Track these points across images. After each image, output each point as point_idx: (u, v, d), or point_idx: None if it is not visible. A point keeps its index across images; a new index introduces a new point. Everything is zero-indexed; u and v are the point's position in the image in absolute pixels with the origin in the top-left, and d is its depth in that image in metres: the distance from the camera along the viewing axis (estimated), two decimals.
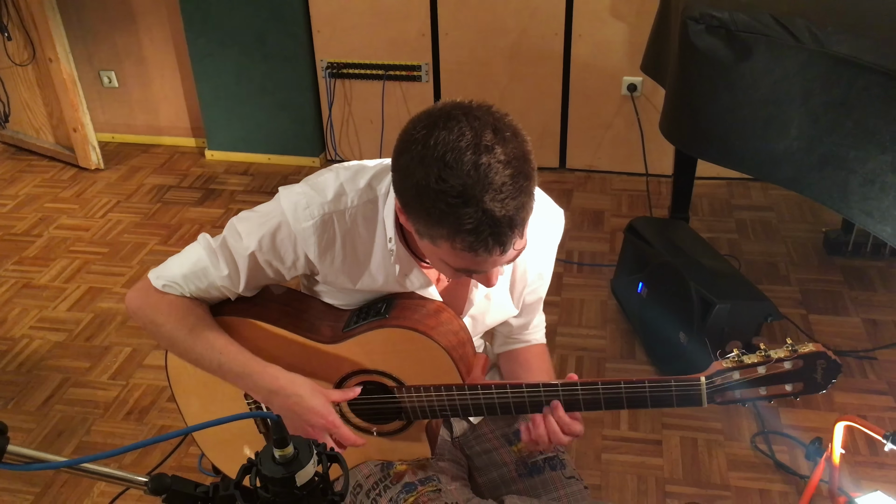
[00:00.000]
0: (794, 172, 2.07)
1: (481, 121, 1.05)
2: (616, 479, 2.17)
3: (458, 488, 1.34)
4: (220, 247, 1.29)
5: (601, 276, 2.97)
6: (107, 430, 2.37)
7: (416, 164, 1.04)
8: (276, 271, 1.30)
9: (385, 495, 1.34)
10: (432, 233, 1.09)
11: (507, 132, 1.06)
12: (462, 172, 1.02)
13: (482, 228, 1.03)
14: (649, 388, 1.21)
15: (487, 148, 1.02)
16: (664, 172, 3.53)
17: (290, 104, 3.75)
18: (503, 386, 1.26)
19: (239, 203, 3.59)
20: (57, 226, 3.44)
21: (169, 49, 3.86)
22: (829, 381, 1.19)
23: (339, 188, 1.26)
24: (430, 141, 1.03)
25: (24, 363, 2.65)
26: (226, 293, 1.33)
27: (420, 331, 1.26)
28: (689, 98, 2.38)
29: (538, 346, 1.55)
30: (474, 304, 1.37)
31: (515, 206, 1.04)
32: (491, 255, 1.08)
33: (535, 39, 3.41)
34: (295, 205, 1.25)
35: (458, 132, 1.03)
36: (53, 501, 2.14)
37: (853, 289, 2.84)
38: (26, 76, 3.82)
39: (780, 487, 2.12)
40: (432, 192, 1.03)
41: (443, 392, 1.28)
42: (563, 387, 1.24)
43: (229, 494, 0.95)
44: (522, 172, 1.05)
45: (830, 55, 1.95)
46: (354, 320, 1.33)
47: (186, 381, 1.44)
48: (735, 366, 1.18)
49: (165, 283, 1.31)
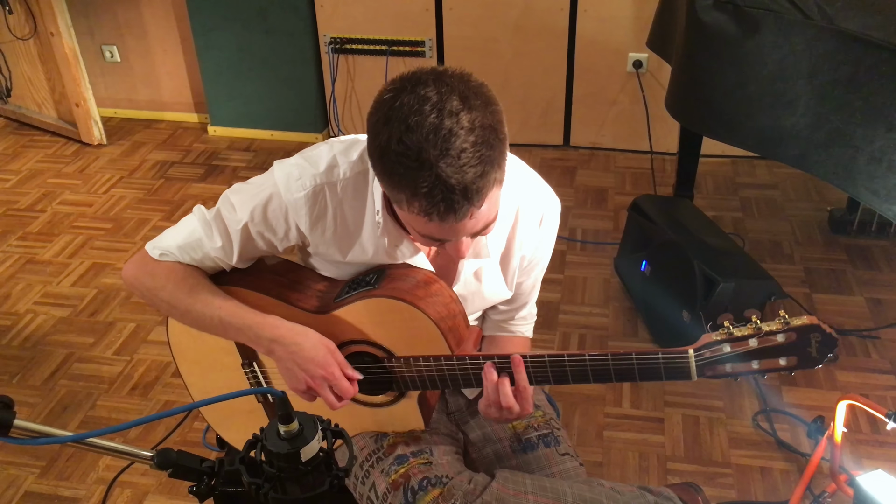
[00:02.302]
0: (801, 150, 2.05)
1: (450, 86, 1.04)
2: (617, 457, 2.18)
3: (450, 462, 1.35)
4: (214, 218, 1.30)
5: (604, 254, 2.97)
6: (111, 405, 2.39)
7: (382, 126, 1.04)
8: (268, 242, 1.31)
9: (377, 467, 1.35)
10: (395, 196, 1.09)
11: (476, 100, 1.04)
12: (422, 136, 1.01)
13: (435, 193, 1.03)
14: (637, 360, 1.19)
15: (451, 113, 1.02)
16: (669, 150, 3.52)
17: (292, 80, 3.73)
18: (490, 357, 1.26)
19: (241, 179, 3.54)
20: (60, 201, 3.44)
21: (171, 23, 3.83)
22: (825, 356, 1.14)
23: (331, 160, 1.27)
24: (395, 103, 1.03)
25: (29, 338, 2.66)
26: (220, 264, 1.34)
27: (407, 301, 1.26)
28: (696, 74, 2.36)
29: (522, 339, 1.54)
30: (461, 281, 1.37)
31: (474, 174, 1.03)
32: (445, 223, 1.07)
33: (540, 14, 3.38)
34: (287, 176, 1.26)
35: (424, 95, 1.03)
36: (59, 475, 2.16)
37: (857, 268, 2.84)
38: (28, 50, 3.79)
39: (781, 465, 2.13)
40: (393, 154, 1.03)
41: (431, 362, 1.28)
42: (551, 358, 1.23)
43: (234, 469, 0.95)
44: (487, 142, 1.03)
45: (839, 31, 1.93)
46: (346, 291, 1.33)
47: (187, 351, 1.46)
48: (725, 338, 1.15)
49: (162, 253, 1.33)
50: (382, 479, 1.33)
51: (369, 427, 1.42)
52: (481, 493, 1.26)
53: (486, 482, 1.29)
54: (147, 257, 1.35)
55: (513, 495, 1.26)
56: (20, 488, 2.12)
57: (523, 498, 1.26)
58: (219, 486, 0.98)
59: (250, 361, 1.41)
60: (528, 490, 1.27)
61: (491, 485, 1.28)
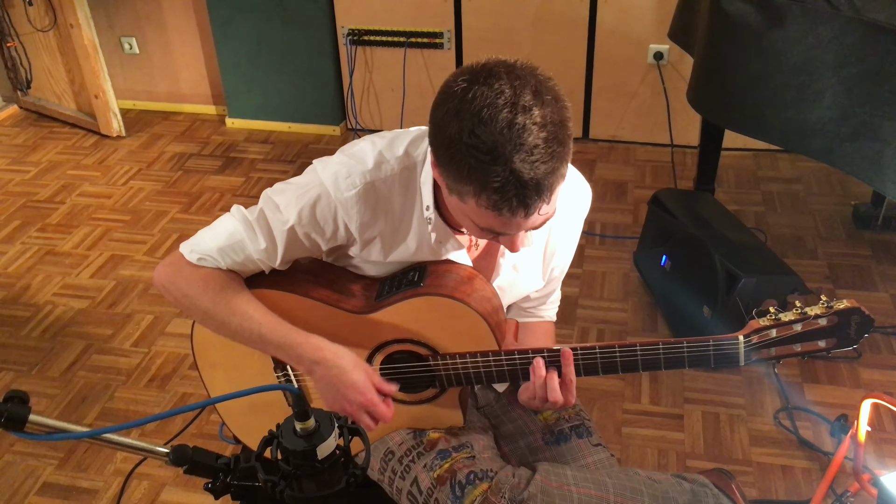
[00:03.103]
0: (826, 143, 2.01)
1: (522, 80, 1.03)
2: (636, 453, 2.16)
3: (491, 456, 1.35)
4: (258, 219, 1.27)
5: (624, 249, 2.94)
6: (129, 397, 2.39)
7: (452, 117, 1.03)
8: (313, 243, 1.29)
9: (419, 462, 1.34)
10: (461, 188, 1.07)
11: (547, 95, 1.03)
12: (496, 130, 1.00)
13: (508, 188, 1.02)
14: (687, 348, 1.21)
15: (525, 108, 1.01)
16: (690, 143, 3.48)
17: (310, 72, 3.72)
18: (540, 351, 1.26)
19: (259, 172, 3.58)
20: (79, 193, 3.45)
21: (189, 15, 3.83)
22: (862, 336, 1.20)
23: (378, 156, 1.25)
24: (468, 95, 1.02)
25: (48, 329, 2.68)
26: (261, 266, 1.31)
27: (457, 298, 1.25)
28: (719, 66, 2.33)
29: (548, 322, 1.55)
30: (500, 274, 1.36)
31: (545, 170, 1.03)
32: (514, 217, 1.06)
33: (560, 5, 3.34)
34: (335, 174, 1.23)
35: (498, 89, 1.01)
36: (77, 466, 2.17)
37: (882, 263, 2.79)
38: (48, 42, 3.81)
39: (802, 464, 2.10)
40: (464, 147, 1.02)
41: (478, 359, 1.28)
42: (601, 349, 1.24)
43: (250, 466, 0.94)
44: (557, 138, 1.03)
45: (866, 22, 1.89)
46: (387, 290, 1.32)
47: (214, 355, 1.44)
48: (772, 324, 1.19)
49: (200, 257, 1.29)
50: (426, 475, 1.32)
51: (406, 424, 1.41)
52: (526, 487, 1.26)
53: (528, 475, 1.29)
54: (183, 261, 1.30)
55: (556, 487, 1.26)
56: (39, 479, 2.13)
57: (567, 490, 1.26)
58: (234, 482, 0.97)
59: (284, 365, 1.39)
60: (570, 482, 1.27)
61: (534, 478, 1.27)
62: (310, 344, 1.27)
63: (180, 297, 1.31)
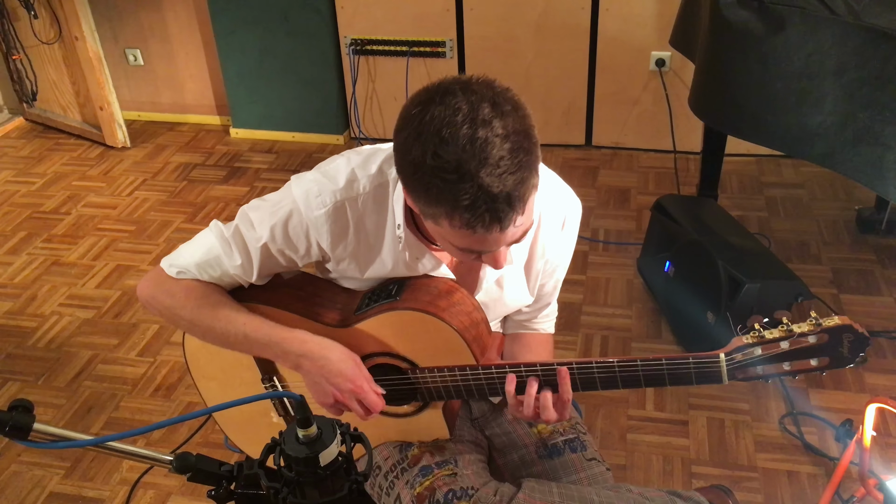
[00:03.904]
0: (828, 149, 2.02)
1: (478, 94, 1.01)
2: (641, 460, 2.15)
3: (476, 472, 1.33)
4: (233, 236, 1.28)
5: (627, 255, 2.94)
6: (135, 407, 2.40)
7: (413, 141, 1.02)
8: (288, 259, 1.29)
9: (402, 478, 1.34)
10: (432, 211, 1.06)
11: (506, 106, 1.02)
12: (458, 147, 0.98)
13: (479, 205, 1.00)
14: (667, 365, 1.17)
15: (484, 122, 0.99)
16: (692, 149, 3.48)
17: (313, 81, 3.74)
18: (517, 365, 1.24)
19: (264, 181, 3.59)
20: (84, 204, 3.47)
21: (193, 26, 3.86)
22: (857, 355, 1.13)
23: (350, 174, 1.24)
24: (425, 117, 1.01)
25: (54, 340, 2.69)
26: (239, 281, 1.32)
27: (431, 312, 1.25)
28: (720, 72, 2.33)
29: (545, 335, 1.53)
30: (482, 289, 1.35)
31: (514, 181, 1.00)
32: (490, 233, 1.05)
33: (562, 13, 3.36)
34: (307, 192, 1.23)
35: (455, 107, 1.00)
36: (83, 475, 2.17)
37: (886, 268, 2.78)
38: (53, 54, 3.84)
39: (808, 469, 2.09)
40: (428, 169, 1.00)
41: (456, 373, 1.27)
42: (579, 365, 1.21)
43: (253, 473, 0.95)
44: (522, 147, 1.01)
45: (867, 28, 1.89)
46: (366, 303, 1.32)
47: (205, 366, 1.45)
48: (756, 341, 1.14)
49: (179, 271, 1.30)
50: (407, 492, 1.32)
51: (393, 437, 1.41)
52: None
53: (512, 493, 1.27)
54: (163, 275, 1.32)
55: None
56: (45, 489, 2.14)
57: None
58: (237, 490, 0.97)
59: (270, 376, 1.40)
60: (556, 499, 1.26)
61: (517, 496, 1.26)
62: (295, 338, 1.27)
63: (163, 310, 1.32)
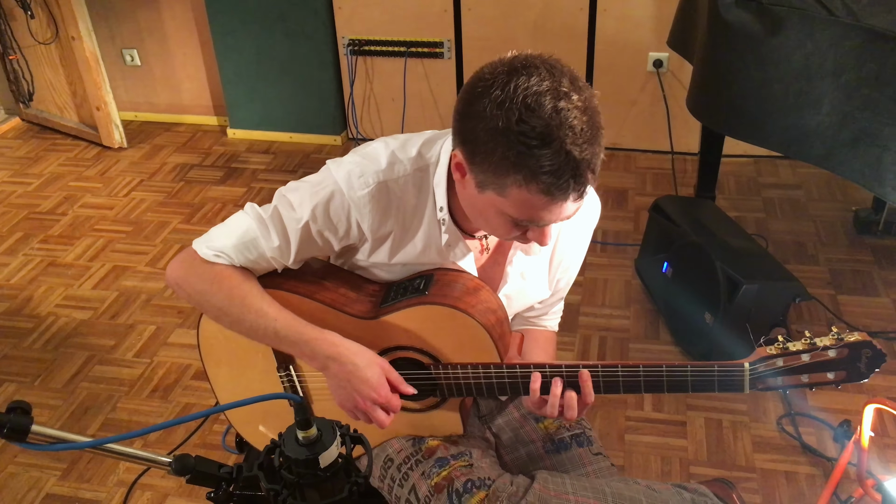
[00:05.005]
0: (826, 150, 2.02)
1: (559, 70, 1.07)
2: (640, 460, 2.15)
3: (490, 464, 1.34)
4: (272, 217, 1.27)
5: (625, 256, 2.94)
6: (132, 408, 2.39)
7: (495, 108, 1.05)
8: (326, 242, 1.29)
9: (417, 469, 1.34)
10: (502, 181, 1.09)
11: (580, 83, 1.08)
12: (543, 115, 1.03)
13: (563, 170, 1.05)
14: (691, 372, 1.20)
15: (566, 94, 1.05)
16: (690, 150, 3.48)
17: (311, 82, 3.73)
18: (542, 366, 1.26)
19: (261, 182, 3.59)
20: (81, 204, 3.46)
21: (191, 27, 3.85)
22: (872, 370, 1.18)
23: (391, 156, 1.26)
24: (510, 86, 1.05)
25: (51, 340, 2.68)
26: (274, 264, 1.31)
27: (461, 308, 1.25)
28: (718, 74, 2.33)
29: (550, 332, 1.56)
30: (508, 282, 1.37)
31: (592, 152, 1.06)
32: (565, 201, 1.09)
33: (560, 14, 3.36)
34: (349, 173, 1.24)
35: (539, 78, 1.05)
36: (80, 476, 2.17)
37: (883, 269, 2.79)
38: (49, 55, 3.83)
39: (806, 470, 2.09)
40: (512, 135, 1.04)
41: (480, 370, 1.28)
42: (604, 368, 1.23)
43: (253, 475, 0.94)
44: (596, 123, 1.07)
45: (865, 28, 1.89)
46: (392, 296, 1.32)
47: (219, 352, 1.44)
48: (780, 353, 1.17)
49: (216, 253, 1.28)
50: (424, 482, 1.32)
51: (405, 431, 1.41)
52: (524, 495, 1.25)
53: (527, 484, 1.28)
54: (196, 258, 1.29)
55: (554, 496, 1.25)
56: (42, 490, 2.13)
57: (565, 498, 1.25)
58: (237, 492, 0.97)
59: (287, 365, 1.39)
60: (569, 490, 1.27)
61: (532, 486, 1.27)
62: (325, 340, 1.27)
63: (194, 294, 1.30)
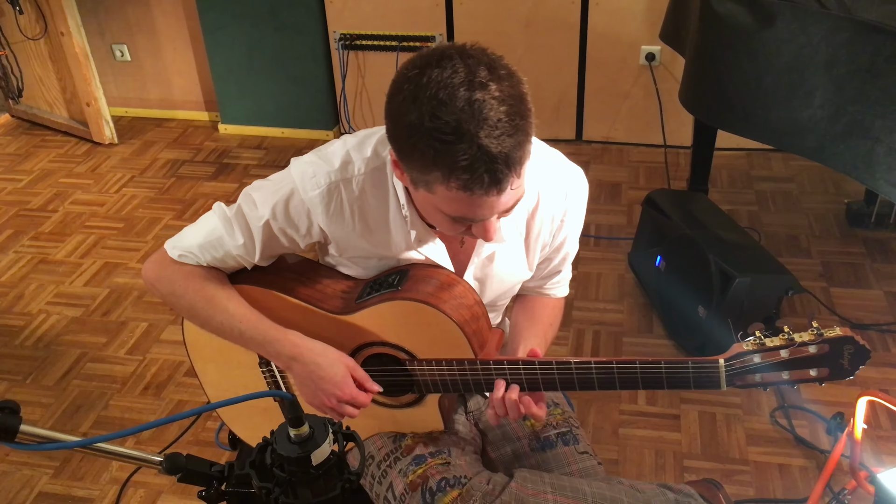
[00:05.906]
0: (818, 142, 2.02)
1: (475, 59, 1.02)
2: (633, 454, 2.15)
3: (469, 462, 1.34)
4: (236, 215, 1.28)
5: (618, 250, 2.94)
6: (124, 405, 2.38)
7: (409, 104, 1.02)
8: (290, 239, 1.29)
9: (395, 466, 1.34)
10: (427, 178, 1.06)
11: (501, 71, 1.03)
12: (456, 108, 0.99)
13: (477, 165, 1.01)
14: (665, 368, 1.18)
15: (482, 84, 1.00)
16: (683, 144, 3.48)
17: (303, 77, 3.72)
18: (515, 362, 1.24)
19: (253, 177, 3.57)
20: (72, 201, 3.44)
21: (181, 22, 3.83)
22: (857, 367, 1.14)
23: (345, 156, 1.25)
24: (422, 80, 1.01)
25: (42, 338, 2.66)
26: (241, 262, 1.32)
27: (431, 304, 1.24)
28: (711, 67, 2.33)
29: (554, 300, 1.52)
30: (474, 263, 1.34)
31: (511, 144, 1.01)
32: (487, 196, 1.05)
33: (552, 8, 3.35)
34: (303, 174, 1.25)
35: (452, 69, 1.00)
36: (73, 475, 2.16)
37: (875, 261, 2.80)
38: (39, 50, 3.80)
39: (799, 462, 2.10)
40: (426, 131, 1.01)
41: (454, 366, 1.27)
42: (577, 365, 1.21)
43: (245, 473, 0.94)
44: (518, 112, 1.02)
45: (857, 21, 1.89)
46: (367, 292, 1.32)
47: (203, 349, 1.45)
48: (756, 349, 1.14)
49: (181, 253, 1.31)
50: (400, 480, 1.32)
51: (388, 428, 1.41)
52: (500, 494, 1.25)
53: (504, 482, 1.28)
54: (166, 258, 1.33)
55: (532, 495, 1.25)
56: (34, 489, 2.12)
57: (542, 497, 1.24)
58: (229, 490, 0.96)
59: (268, 360, 1.40)
60: (548, 489, 1.26)
61: (510, 485, 1.26)
62: (287, 340, 1.28)
63: (166, 294, 1.34)
